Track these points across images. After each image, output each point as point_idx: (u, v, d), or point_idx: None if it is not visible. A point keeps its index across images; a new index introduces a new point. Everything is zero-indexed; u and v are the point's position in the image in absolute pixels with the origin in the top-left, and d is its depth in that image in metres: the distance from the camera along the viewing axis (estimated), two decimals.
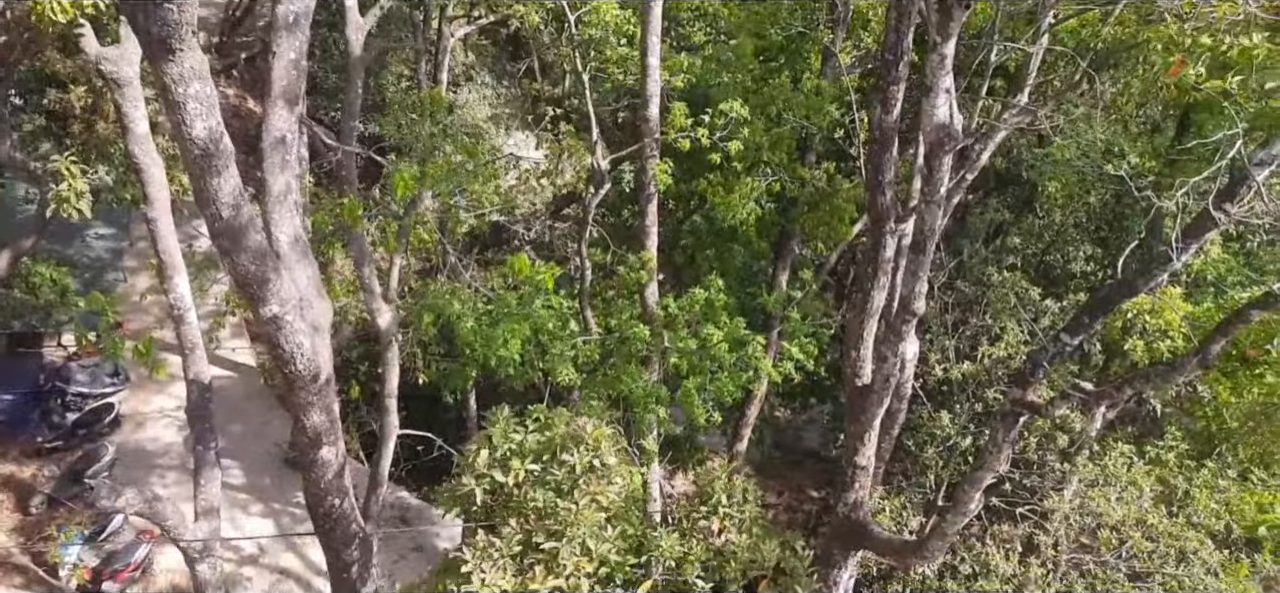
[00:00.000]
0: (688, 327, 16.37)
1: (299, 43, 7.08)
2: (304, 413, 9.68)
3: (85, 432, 21.66)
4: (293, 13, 6.90)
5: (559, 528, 11.04)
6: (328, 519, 11.25)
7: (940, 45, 10.33)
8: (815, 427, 30.19)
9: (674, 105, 15.76)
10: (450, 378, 17.78)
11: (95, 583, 18.07)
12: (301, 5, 6.90)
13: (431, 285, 16.02)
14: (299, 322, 8.50)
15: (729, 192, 16.93)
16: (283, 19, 6.92)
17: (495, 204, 16.59)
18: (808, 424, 30.34)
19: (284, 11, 6.87)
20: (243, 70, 31.50)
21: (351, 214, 10.77)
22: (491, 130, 21.43)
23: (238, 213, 7.24)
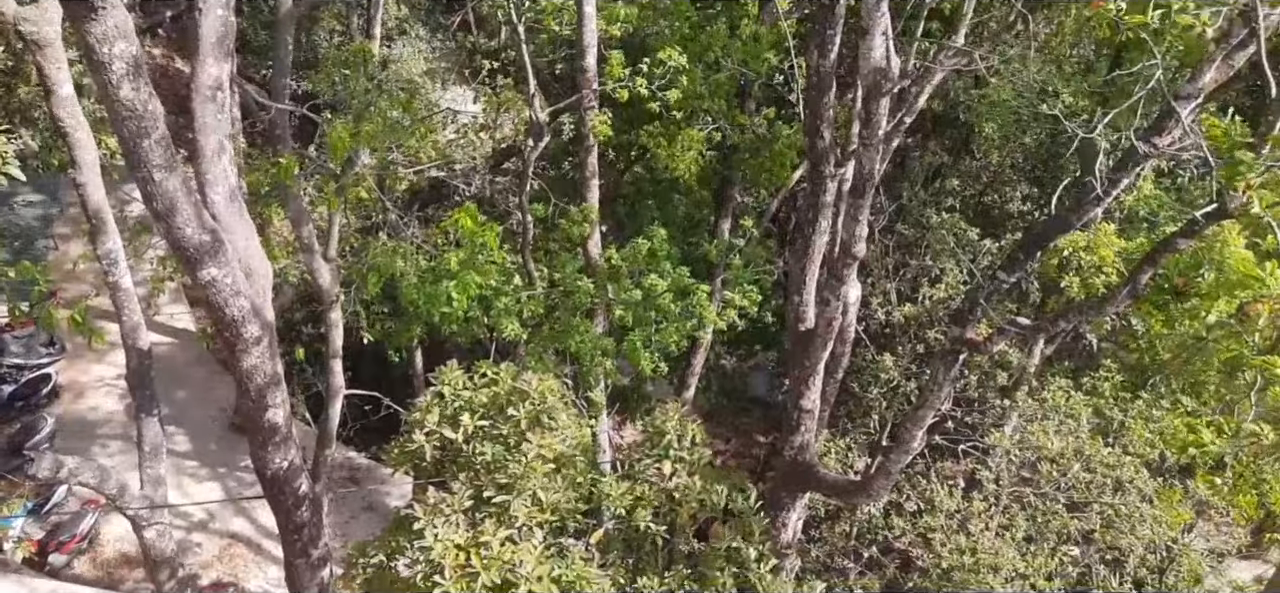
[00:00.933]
0: (631, 278, 16.44)
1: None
2: (247, 376, 9.58)
3: (22, 404, 21.23)
4: None
5: (509, 481, 11.13)
6: (275, 482, 11.17)
7: None
8: (761, 373, 30.61)
9: (611, 55, 15.68)
10: (395, 336, 17.69)
11: (41, 556, 17.84)
12: None
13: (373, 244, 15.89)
14: (238, 283, 8.39)
15: (670, 142, 16.94)
16: None
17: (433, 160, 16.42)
18: (753, 371, 30.76)
19: None
20: (169, 29, 30.64)
21: (287, 174, 10.62)
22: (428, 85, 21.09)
23: (170, 175, 7.10)
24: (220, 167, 8.00)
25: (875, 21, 10.86)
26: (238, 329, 8.79)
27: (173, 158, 7.02)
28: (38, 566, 17.64)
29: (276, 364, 9.85)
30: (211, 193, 8.09)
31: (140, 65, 6.24)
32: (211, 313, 8.82)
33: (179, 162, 7.21)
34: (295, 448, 11.10)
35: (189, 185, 7.45)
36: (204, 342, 22.74)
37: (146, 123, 6.60)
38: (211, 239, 7.78)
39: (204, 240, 7.70)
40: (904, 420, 14.96)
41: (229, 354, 9.38)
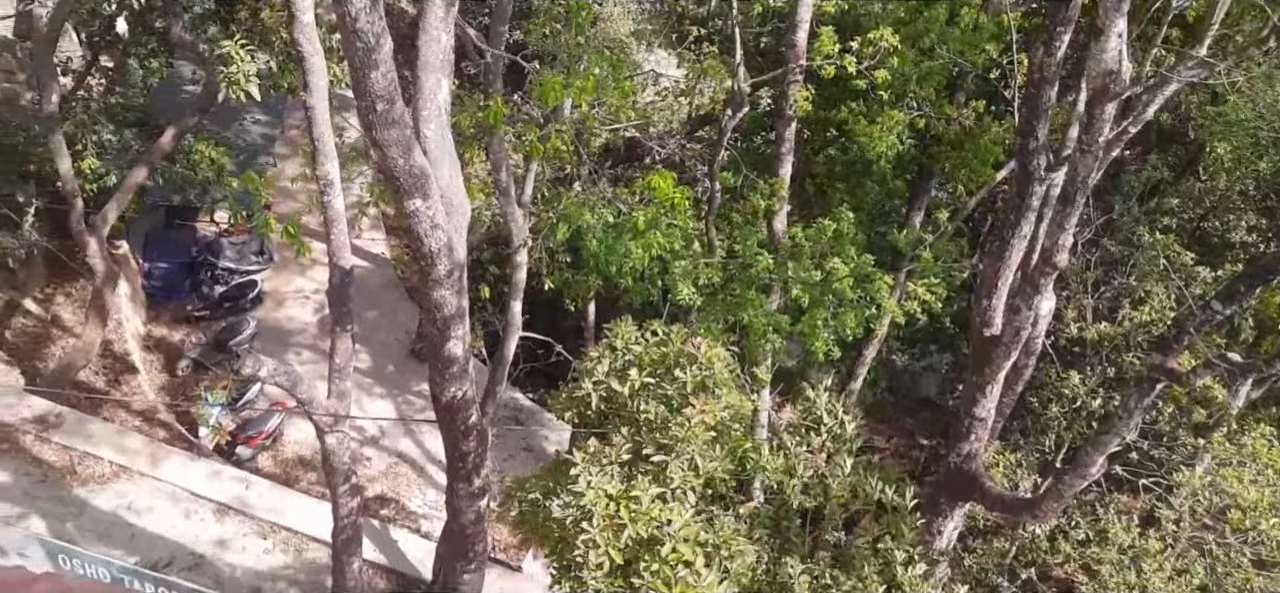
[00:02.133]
0: (813, 258, 16.16)
1: None
2: (435, 306, 10.02)
3: (230, 304, 23.06)
4: None
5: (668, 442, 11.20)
6: (448, 409, 11.68)
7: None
8: (933, 375, 29.63)
9: (822, 31, 15.35)
10: (573, 286, 18.07)
11: (230, 445, 19.38)
12: None
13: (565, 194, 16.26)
14: (438, 215, 8.76)
15: (871, 123, 16.46)
16: None
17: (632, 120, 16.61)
18: (925, 371, 29.82)
19: None
20: None
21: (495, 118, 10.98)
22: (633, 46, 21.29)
23: (391, 107, 7.46)
24: (435, 105, 8.35)
25: (1112, 22, 10.15)
26: (433, 260, 9.19)
27: (395, 91, 7.37)
28: (225, 454, 19.15)
29: (463, 299, 10.26)
30: (425, 128, 8.46)
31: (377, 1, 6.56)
32: (410, 242, 9.25)
33: (399, 95, 7.56)
34: (470, 381, 11.57)
35: (405, 119, 7.81)
36: (398, 268, 23.91)
37: (376, 54, 6.94)
38: (420, 172, 8.15)
39: (413, 173, 8.06)
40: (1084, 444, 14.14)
41: (421, 283, 9.83)
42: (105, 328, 19.76)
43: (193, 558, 16.43)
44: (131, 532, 16.47)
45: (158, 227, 23.87)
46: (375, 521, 18.57)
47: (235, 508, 17.40)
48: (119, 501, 16.92)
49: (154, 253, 23.24)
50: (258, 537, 17.26)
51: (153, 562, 15.78)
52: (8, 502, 16.16)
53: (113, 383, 20.12)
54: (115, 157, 19.90)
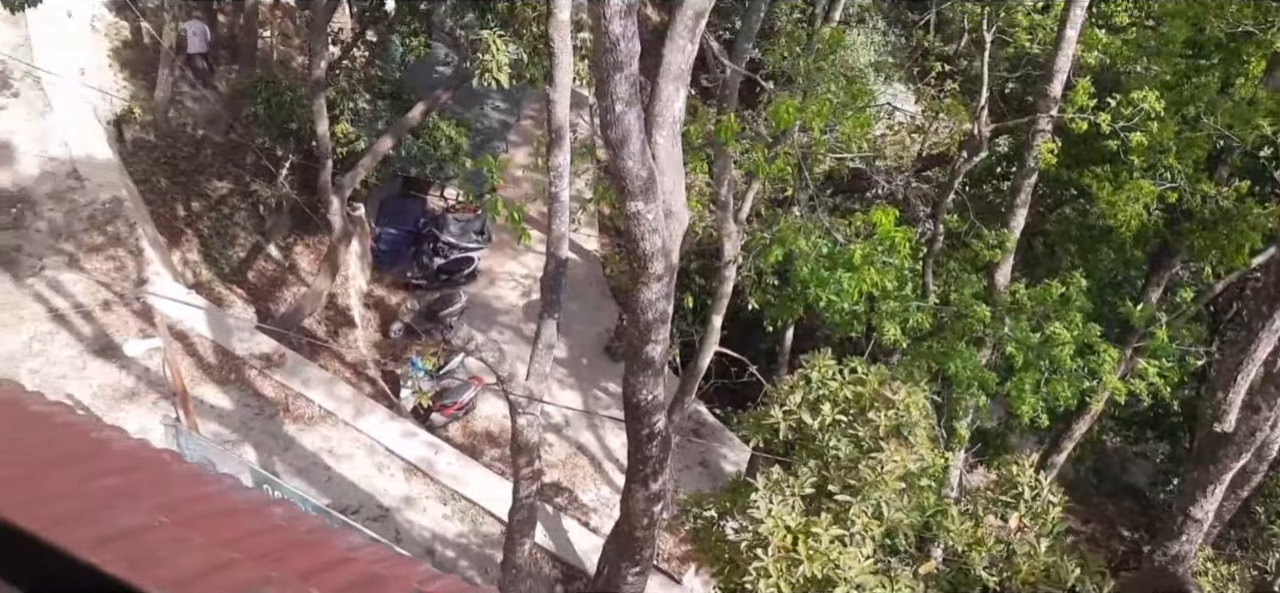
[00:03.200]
0: (1032, 319, 15.35)
1: None
2: (641, 308, 10.19)
3: (447, 278, 24.29)
4: None
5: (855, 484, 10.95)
6: (638, 411, 11.84)
7: None
8: (1145, 463, 27.51)
9: (1079, 82, 14.53)
10: (776, 309, 17.93)
11: (426, 410, 20.39)
12: None
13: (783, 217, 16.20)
14: (658, 221, 8.92)
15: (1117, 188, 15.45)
16: None
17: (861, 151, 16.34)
18: (1137, 458, 27.73)
19: None
20: None
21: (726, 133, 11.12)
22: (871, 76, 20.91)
23: (629, 109, 7.67)
24: (670, 113, 8.52)
25: None
26: (646, 263, 9.37)
27: (636, 95, 7.58)
28: (420, 417, 20.17)
29: (669, 304, 10.40)
30: (656, 134, 8.64)
31: (632, 7, 6.77)
32: (626, 243, 9.47)
33: (639, 99, 7.77)
34: (662, 386, 11.71)
35: (640, 123, 8.01)
36: (610, 266, 24.48)
37: (623, 58, 7.16)
38: (648, 176, 8.33)
39: (642, 176, 8.25)
40: None
41: (630, 284, 10.04)
42: (333, 282, 21.20)
43: (379, 510, 17.39)
44: (329, 475, 17.59)
45: (392, 194, 25.43)
46: (548, 507, 19.07)
47: (422, 470, 18.25)
48: (322, 444, 18.10)
49: (385, 218, 24.77)
50: (439, 502, 18.08)
51: (343, 506, 16.69)
52: (228, 428, 17.60)
53: (332, 334, 21.59)
54: (367, 125, 21.42)
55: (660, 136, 8.57)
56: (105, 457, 0.82)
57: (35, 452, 2.02)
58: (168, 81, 22.24)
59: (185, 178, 22.46)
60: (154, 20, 22.68)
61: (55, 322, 17.77)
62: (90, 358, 17.45)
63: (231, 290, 21.24)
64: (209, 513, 1.02)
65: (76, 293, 18.28)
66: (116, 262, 19.09)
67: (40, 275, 18.33)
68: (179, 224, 21.62)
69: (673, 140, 8.77)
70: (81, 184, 19.96)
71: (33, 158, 20.10)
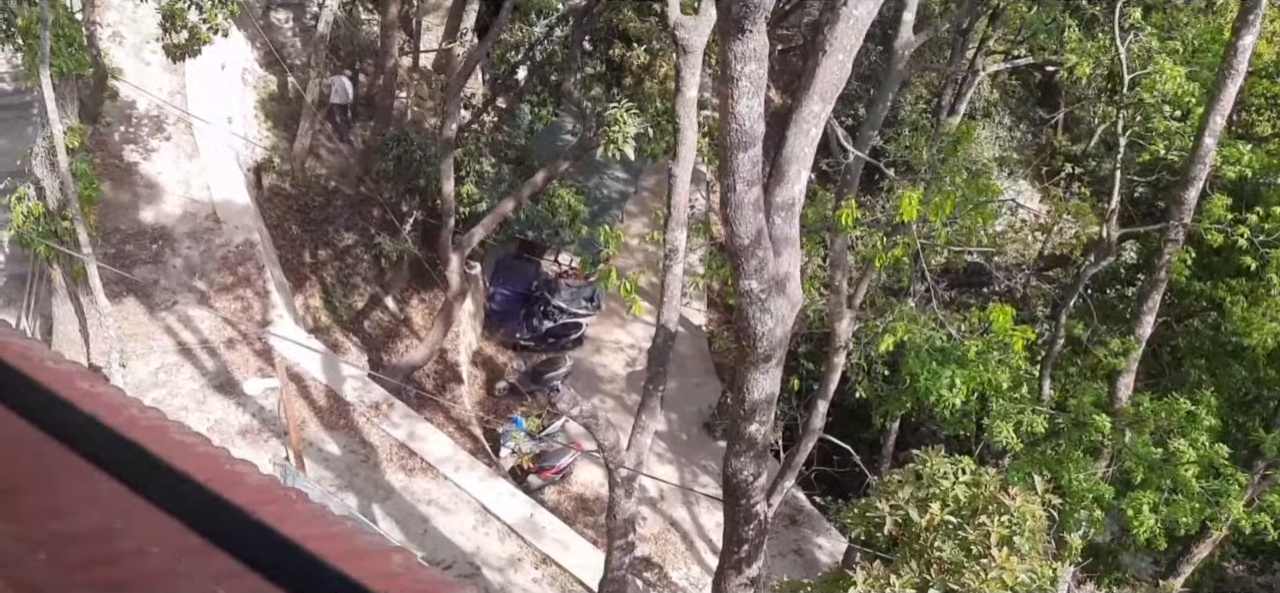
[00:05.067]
0: (1155, 434, 14.65)
1: (852, 44, 7.36)
2: (748, 387, 10.15)
3: (554, 341, 24.57)
4: (855, 16, 7.19)
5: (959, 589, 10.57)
6: (736, 491, 11.72)
7: None
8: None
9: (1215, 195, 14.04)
10: (885, 402, 17.59)
11: (524, 472, 20.49)
12: (865, 9, 7.16)
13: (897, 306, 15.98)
14: (771, 302, 8.92)
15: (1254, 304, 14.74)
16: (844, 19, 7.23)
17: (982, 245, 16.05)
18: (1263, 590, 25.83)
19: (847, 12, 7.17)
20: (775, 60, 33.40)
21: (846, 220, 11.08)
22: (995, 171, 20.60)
23: (750, 188, 7.75)
24: (790, 194, 8.55)
25: None
26: (755, 342, 9.36)
27: (757, 176, 7.65)
28: (518, 478, 20.26)
29: (775, 386, 10.32)
30: (775, 215, 8.68)
31: (762, 87, 6.88)
32: (737, 322, 9.49)
33: (760, 179, 7.84)
34: (764, 467, 11.57)
35: (760, 203, 8.07)
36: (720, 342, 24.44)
37: (748, 138, 7.27)
38: (764, 256, 8.37)
39: (758, 255, 8.29)
40: None
41: (737, 362, 10.02)
42: (445, 337, 21.63)
43: (470, 567, 17.35)
44: (424, 527, 17.66)
45: (507, 256, 25.93)
46: (639, 581, 18.80)
47: (517, 532, 18.18)
48: (421, 496, 18.20)
49: (499, 279, 25.27)
50: (531, 565, 18.00)
51: (436, 560, 16.76)
52: (334, 472, 17.86)
53: (439, 388, 21.93)
54: (490, 187, 22.04)
55: (778, 218, 8.60)
56: (241, 489, 0.85)
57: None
58: (307, 133, 23.37)
59: (314, 226, 23.40)
60: (300, 75, 23.95)
61: (182, 354, 18.61)
62: (211, 392, 18.19)
63: (348, 338, 21.85)
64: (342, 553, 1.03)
65: (204, 329, 19.12)
66: (243, 302, 19.93)
67: (173, 309, 19.26)
68: (305, 270, 22.49)
69: (790, 222, 8.80)
70: (218, 226, 21.00)
71: (177, 198, 21.28)
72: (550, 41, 19.87)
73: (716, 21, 8.25)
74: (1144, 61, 14.91)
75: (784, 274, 9.28)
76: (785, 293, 9.49)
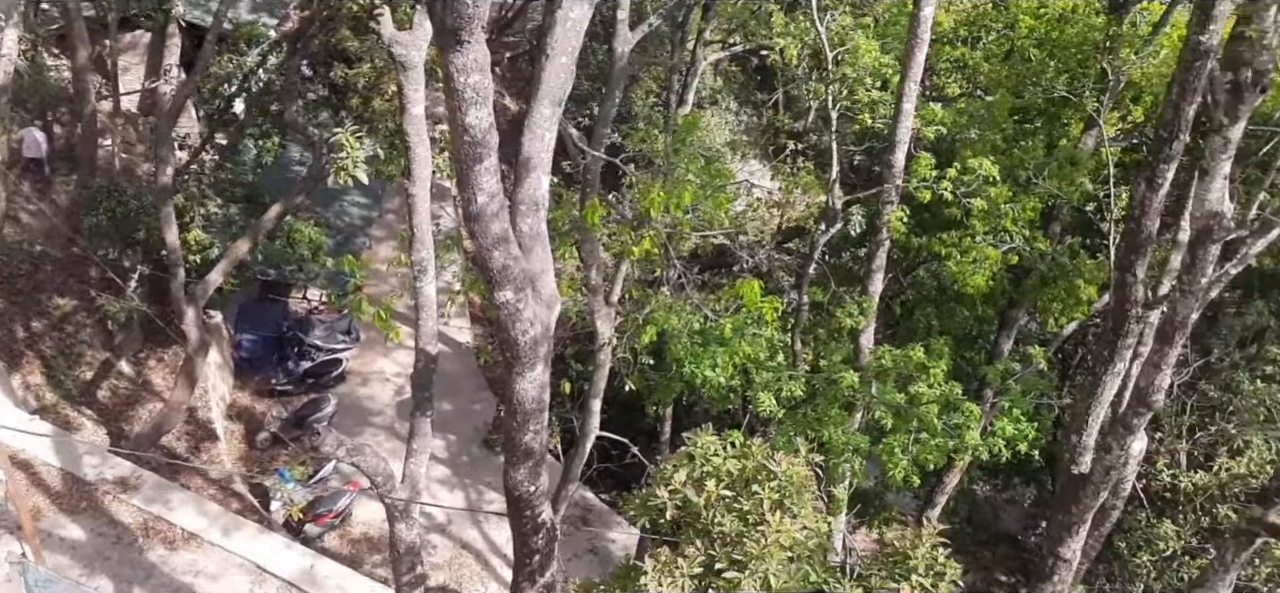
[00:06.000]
0: (898, 381, 15.88)
1: (573, 46, 7.41)
2: (517, 398, 10.05)
3: (314, 381, 23.48)
4: (571, 17, 7.24)
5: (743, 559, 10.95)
6: (521, 503, 11.61)
7: (1226, 128, 9.56)
8: (1015, 509, 28.51)
9: (920, 154, 15.39)
10: (656, 391, 18.01)
11: (300, 522, 19.50)
12: (580, 11, 7.22)
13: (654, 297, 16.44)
14: (528, 309, 8.85)
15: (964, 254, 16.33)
16: (561, 22, 7.26)
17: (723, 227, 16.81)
18: (1007, 505, 28.71)
19: (563, 15, 7.21)
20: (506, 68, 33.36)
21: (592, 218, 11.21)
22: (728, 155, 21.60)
23: (491, 200, 7.62)
24: (533, 200, 8.51)
25: (1218, 164, 9.98)
26: (518, 353, 9.26)
27: (497, 184, 7.54)
28: (294, 530, 19.29)
29: (545, 393, 10.28)
30: (521, 222, 8.61)
31: (488, 96, 6.77)
32: (498, 333, 9.35)
33: (501, 189, 7.73)
34: (545, 477, 11.52)
35: (503, 213, 7.97)
36: (485, 358, 24.19)
37: (482, 149, 7.14)
38: (513, 266, 8.27)
39: (506, 266, 8.19)
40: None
41: (504, 375, 9.89)
42: (192, 394, 20.27)
43: None
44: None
45: (251, 299, 24.59)
46: None
47: (297, 586, 17.39)
48: (188, 568, 17.07)
49: (245, 324, 23.88)
50: None
51: None
52: (80, 560, 16.41)
53: (194, 449, 20.53)
54: (220, 230, 20.68)
55: (525, 225, 8.54)
56: None
57: None
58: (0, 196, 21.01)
59: (23, 296, 21.15)
60: None
61: None
62: None
63: (80, 413, 20.02)
64: None
65: None
66: None
67: None
68: (19, 346, 20.28)
69: (538, 228, 8.76)
70: None
71: None
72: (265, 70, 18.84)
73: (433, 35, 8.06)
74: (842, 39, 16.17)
75: (537, 279, 9.24)
76: (540, 297, 9.45)
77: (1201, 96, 10.22)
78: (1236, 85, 9.55)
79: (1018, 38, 19.12)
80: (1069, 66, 18.34)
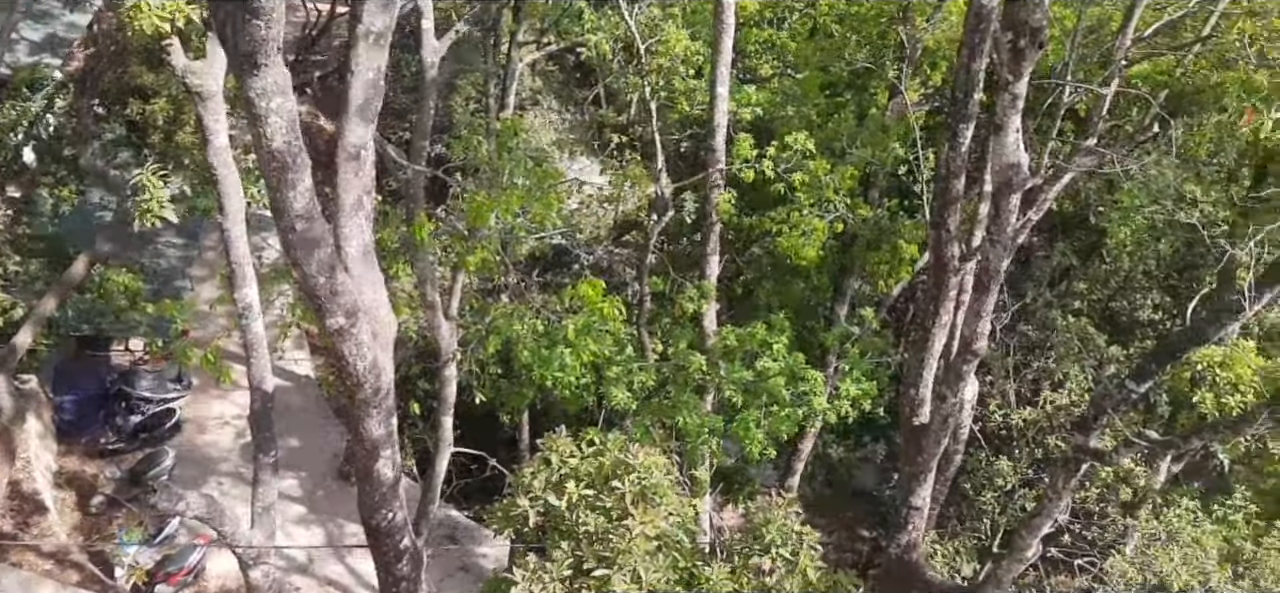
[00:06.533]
0: (745, 359, 16.29)
1: (378, 61, 7.22)
2: (363, 425, 9.78)
3: (147, 435, 22.13)
4: (372, 31, 7.06)
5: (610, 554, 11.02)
6: (380, 532, 11.32)
7: (1012, 84, 10.21)
8: (869, 465, 29.69)
9: (739, 136, 15.81)
10: (508, 399, 17.87)
11: (149, 585, 18.42)
12: (381, 23, 7.05)
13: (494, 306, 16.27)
14: (363, 334, 8.61)
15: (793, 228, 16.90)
16: (362, 37, 7.07)
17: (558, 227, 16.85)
18: (862, 462, 29.86)
19: (364, 29, 7.02)
20: (315, 89, 32.24)
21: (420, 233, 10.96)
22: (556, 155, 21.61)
23: (310, 225, 7.37)
24: (356, 222, 8.27)
25: (1009, 119, 10.63)
26: (358, 380, 9.00)
27: (314, 209, 7.29)
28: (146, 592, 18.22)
29: (392, 417, 10.03)
30: (347, 246, 8.35)
31: (294, 120, 6.53)
32: (335, 362, 9.05)
33: (319, 213, 7.48)
34: (401, 502, 11.25)
35: (326, 238, 7.71)
36: (327, 388, 23.39)
37: (294, 174, 6.88)
38: (342, 291, 8.02)
39: (336, 291, 7.93)
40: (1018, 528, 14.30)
41: (347, 403, 9.60)
42: (13, 467, 18.82)
43: None
44: None
45: (68, 358, 22.96)
46: None
47: None
48: None
49: (64, 385, 22.28)
50: None
51: None
52: None
53: (21, 526, 19.03)
54: (22, 289, 19.24)
55: (350, 248, 8.29)
56: None
57: None
58: None
59: None
60: None
61: None
62: None
63: None
64: None
65: None
66: None
67: None
68: None
69: (365, 249, 8.52)
70: None
71: None
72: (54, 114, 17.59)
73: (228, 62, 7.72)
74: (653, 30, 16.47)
75: (370, 303, 8.99)
76: (376, 319, 9.20)
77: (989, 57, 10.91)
78: (1016, 44, 10.22)
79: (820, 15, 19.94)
80: (869, 39, 19.26)
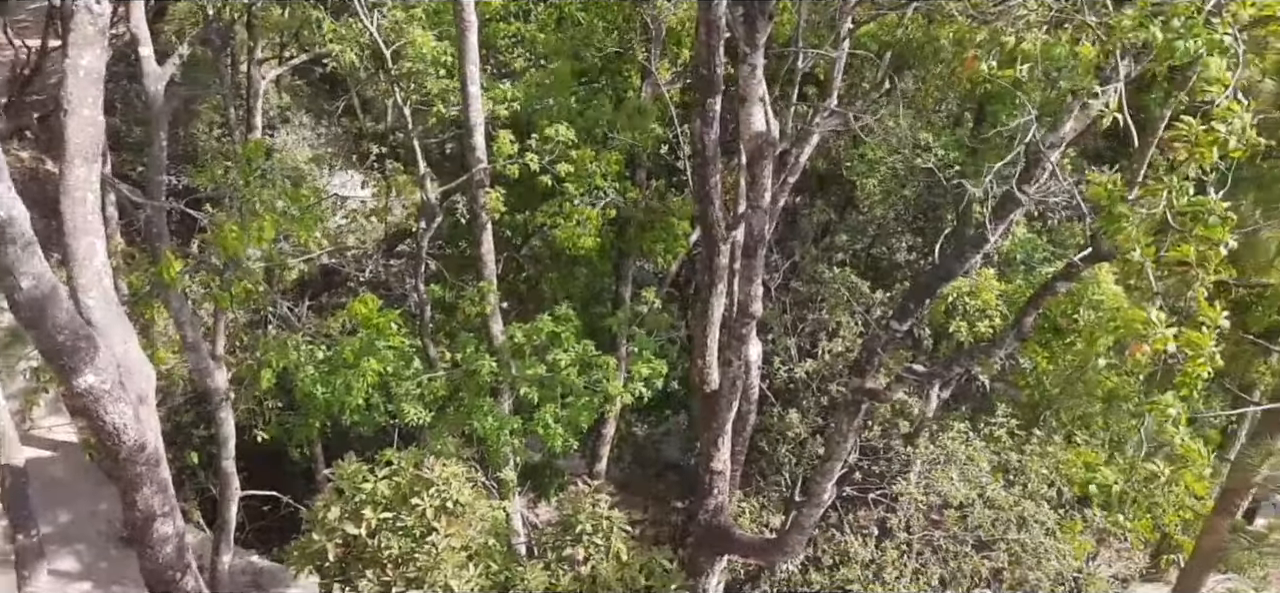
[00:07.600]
0: (536, 354, 16.34)
1: (93, 97, 6.74)
2: (133, 489, 9.16)
3: None
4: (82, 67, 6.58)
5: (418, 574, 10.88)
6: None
7: (750, 56, 10.74)
8: (673, 438, 30.38)
9: (499, 133, 15.77)
10: (294, 432, 17.15)
11: None
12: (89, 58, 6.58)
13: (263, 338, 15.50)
14: (118, 391, 8.05)
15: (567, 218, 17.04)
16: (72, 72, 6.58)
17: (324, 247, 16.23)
18: (665, 436, 30.50)
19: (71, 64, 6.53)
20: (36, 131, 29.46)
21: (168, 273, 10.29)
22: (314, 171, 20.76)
23: (39, 283, 6.82)
24: (92, 269, 7.72)
25: (752, 90, 11.17)
26: (118, 438, 8.42)
27: (42, 265, 6.75)
28: None
29: (165, 475, 9.45)
30: (85, 297, 7.79)
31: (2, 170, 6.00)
32: (92, 424, 8.43)
33: (49, 268, 6.93)
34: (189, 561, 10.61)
35: (59, 291, 7.16)
36: (88, 453, 21.60)
37: (13, 231, 6.34)
38: (86, 345, 7.48)
39: (78, 347, 7.39)
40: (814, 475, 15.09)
41: (112, 464, 8.96)
42: None
43: None
44: None
45: None
46: None
47: None
48: None
49: None
50: None
51: None
52: None
53: None
54: None
55: (89, 299, 7.73)
56: None
57: None
58: None
59: None
60: None
61: None
62: None
63: None
64: None
65: None
66: None
67: None
68: None
69: (107, 298, 7.96)
70: None
71: None
72: None
73: None
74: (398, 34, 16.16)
75: (121, 354, 8.40)
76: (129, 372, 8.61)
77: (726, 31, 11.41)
78: (748, 15, 10.77)
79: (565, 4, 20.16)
80: (616, 24, 19.66)
